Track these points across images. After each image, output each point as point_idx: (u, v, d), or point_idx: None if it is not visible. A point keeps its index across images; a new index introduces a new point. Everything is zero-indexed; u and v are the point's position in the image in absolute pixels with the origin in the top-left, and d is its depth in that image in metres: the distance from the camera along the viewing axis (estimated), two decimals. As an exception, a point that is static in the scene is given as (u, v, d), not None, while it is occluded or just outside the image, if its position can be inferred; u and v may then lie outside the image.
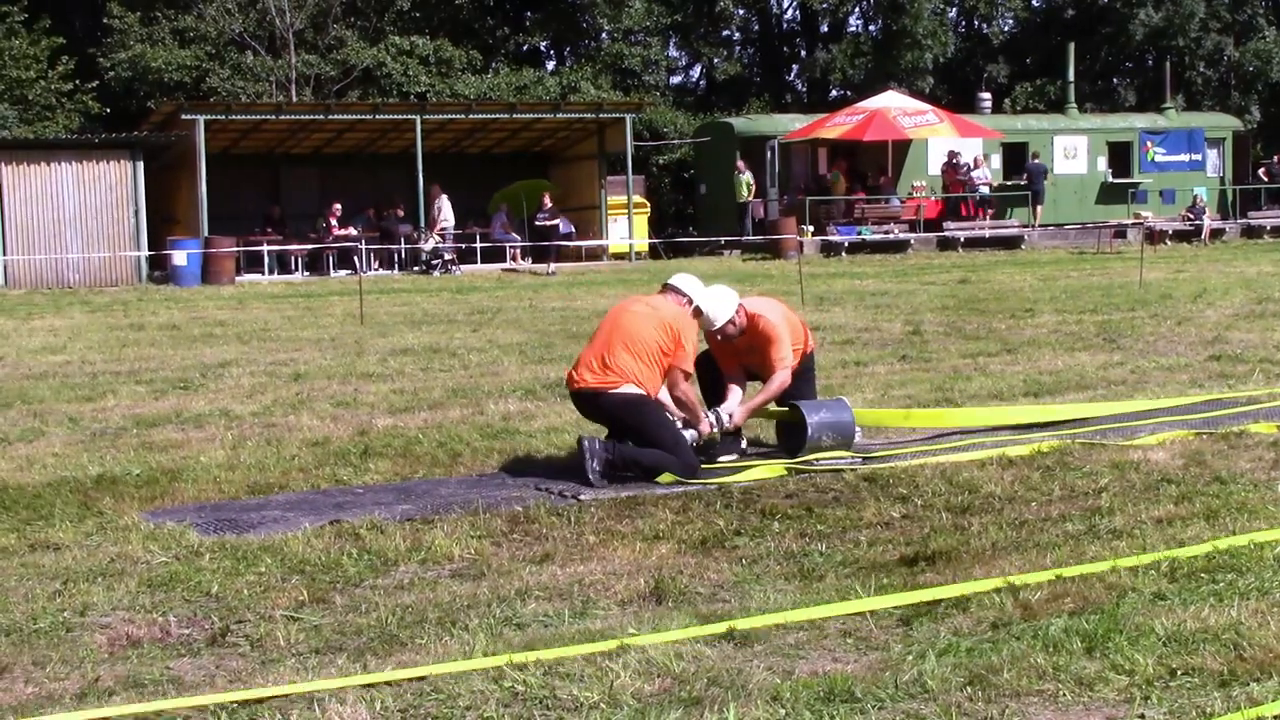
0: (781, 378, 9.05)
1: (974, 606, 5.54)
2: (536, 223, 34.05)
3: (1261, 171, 43.58)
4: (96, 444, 9.91)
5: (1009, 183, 39.51)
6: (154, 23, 44.34)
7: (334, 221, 33.72)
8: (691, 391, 8.78)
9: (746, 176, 36.94)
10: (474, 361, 14.51)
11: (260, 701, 4.68)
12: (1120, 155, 41.70)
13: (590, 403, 8.59)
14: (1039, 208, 38.91)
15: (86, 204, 30.53)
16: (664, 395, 8.68)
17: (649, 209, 38.48)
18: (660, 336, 8.48)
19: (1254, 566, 5.94)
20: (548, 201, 34.15)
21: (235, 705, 4.65)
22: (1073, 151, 40.06)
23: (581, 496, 7.76)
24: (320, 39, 45.58)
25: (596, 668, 4.90)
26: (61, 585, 6.13)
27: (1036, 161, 39.10)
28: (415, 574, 6.28)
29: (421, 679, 4.82)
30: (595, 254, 35.87)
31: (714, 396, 9.23)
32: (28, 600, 5.92)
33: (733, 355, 9.28)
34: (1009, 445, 8.92)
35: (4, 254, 30.16)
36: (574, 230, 36.06)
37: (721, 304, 9.02)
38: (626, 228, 36.38)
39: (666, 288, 8.98)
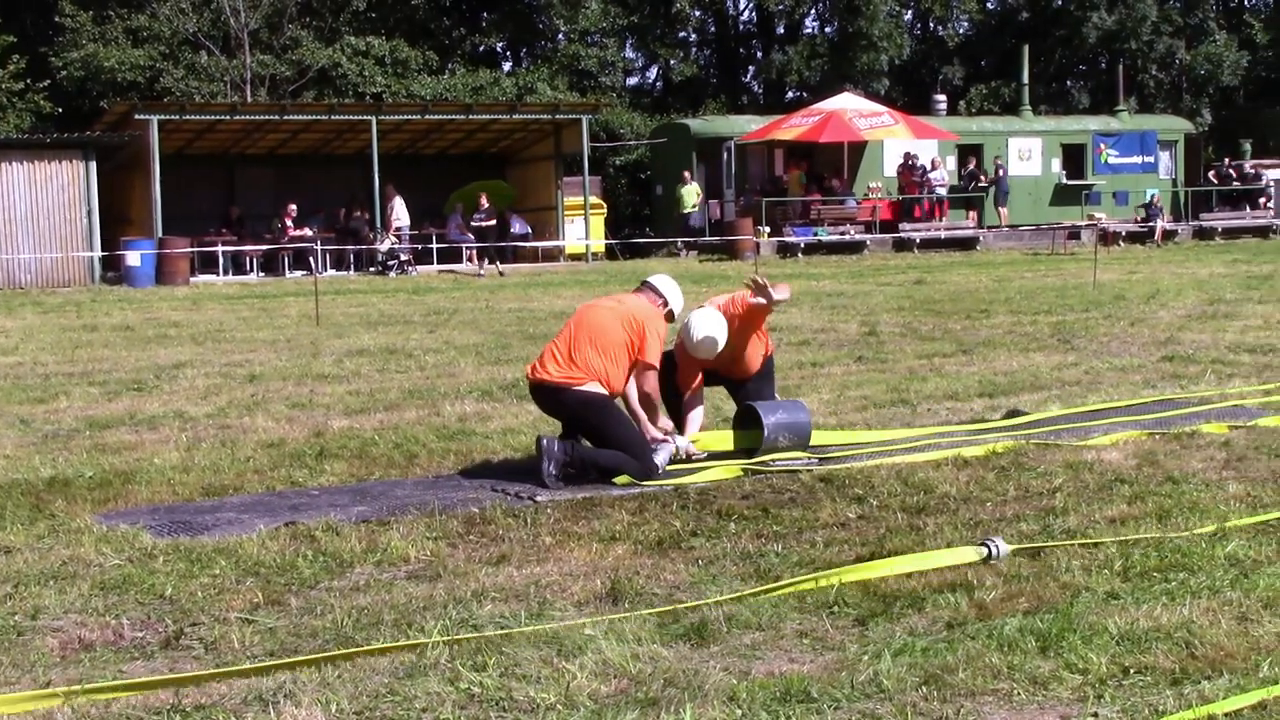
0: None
1: (929, 606, 5.56)
2: (472, 223, 33.81)
3: (1212, 174, 43.95)
4: (49, 446, 9.84)
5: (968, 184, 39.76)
6: (107, 22, 44.03)
7: (289, 222, 33.57)
8: (658, 393, 8.70)
9: (693, 187, 36.84)
10: (430, 363, 14.48)
11: (214, 704, 4.66)
12: (1074, 157, 42.00)
13: (551, 397, 8.53)
14: (1003, 210, 39.17)
15: (38, 204, 30.29)
16: (631, 389, 8.64)
17: (605, 210, 38.48)
18: (626, 334, 8.44)
19: (1205, 565, 5.98)
20: (484, 202, 33.89)
21: (190, 707, 4.63)
22: (1027, 153, 40.30)
23: (538, 498, 7.75)
24: (275, 39, 45.37)
25: (553, 669, 4.90)
26: (12, 588, 6.07)
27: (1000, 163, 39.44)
28: (371, 576, 6.25)
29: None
30: (552, 255, 35.86)
31: (672, 409, 9.16)
32: (-21, 604, 5.87)
33: (699, 363, 9.18)
34: (964, 446, 8.95)
35: (-46, 254, 29.90)
36: (530, 231, 36.02)
37: (711, 326, 8.89)
38: (583, 228, 36.37)
39: (644, 285, 8.94)
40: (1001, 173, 39.18)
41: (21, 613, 5.73)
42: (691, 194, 36.60)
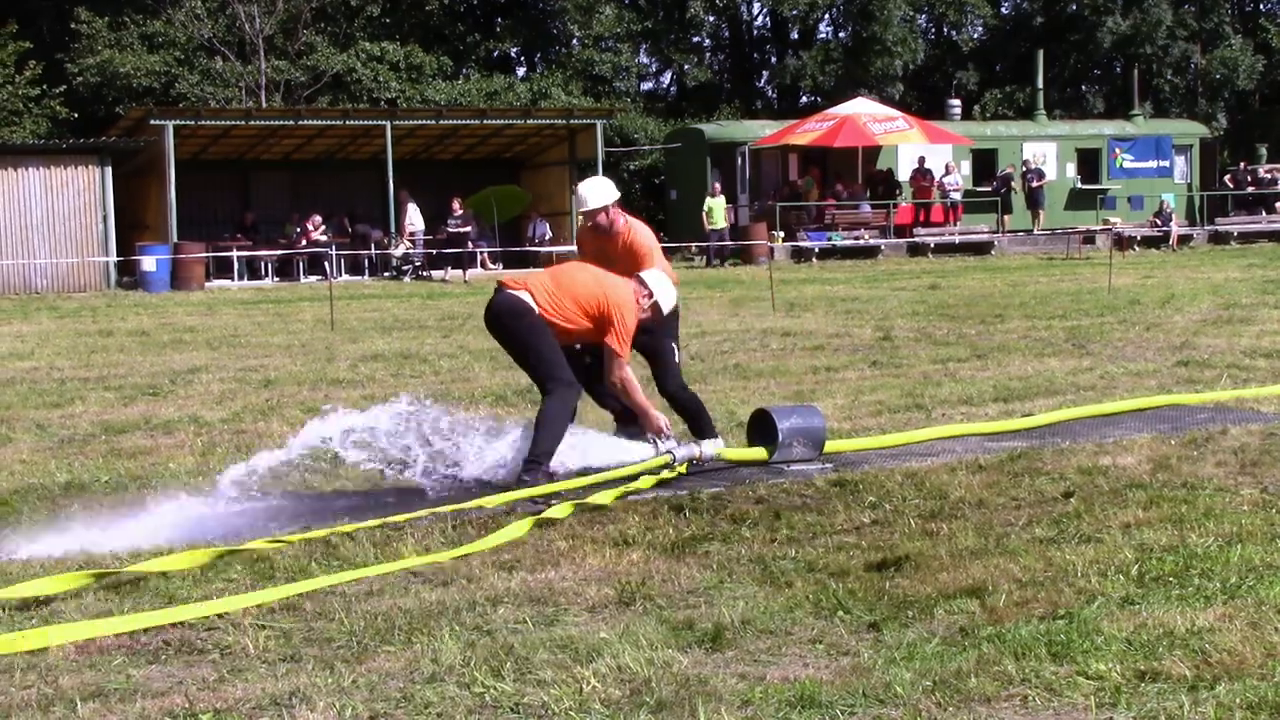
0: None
1: (941, 611, 5.55)
2: (448, 229, 33.57)
3: (1228, 178, 43.87)
4: (65, 450, 9.87)
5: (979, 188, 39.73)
6: (122, 28, 44.17)
7: (310, 227, 33.59)
8: (631, 381, 8.54)
9: (721, 200, 35.56)
10: (445, 367, 14.49)
11: (229, 709, 4.68)
12: (1089, 162, 41.96)
13: (489, 310, 8.56)
14: (1041, 214, 39.13)
15: (54, 210, 30.39)
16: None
17: (620, 215, 38.37)
18: (597, 303, 8.35)
19: (1220, 571, 5.97)
20: (456, 208, 33.66)
21: (204, 711, 4.64)
22: (1042, 158, 40.23)
23: (551, 502, 7.75)
24: (290, 45, 45.48)
25: (568, 674, 4.90)
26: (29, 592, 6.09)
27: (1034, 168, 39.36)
28: (385, 580, 6.26)
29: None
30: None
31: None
32: (-5, 608, 5.90)
33: (604, 261, 8.98)
34: (978, 450, 8.94)
35: (-29, 260, 30.02)
36: (549, 232, 36.12)
37: (596, 186, 9.16)
38: (598, 233, 36.25)
39: (634, 277, 8.83)
40: (1035, 179, 39.10)
41: (36, 617, 5.75)
42: (721, 207, 35.35)
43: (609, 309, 8.35)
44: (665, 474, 8.34)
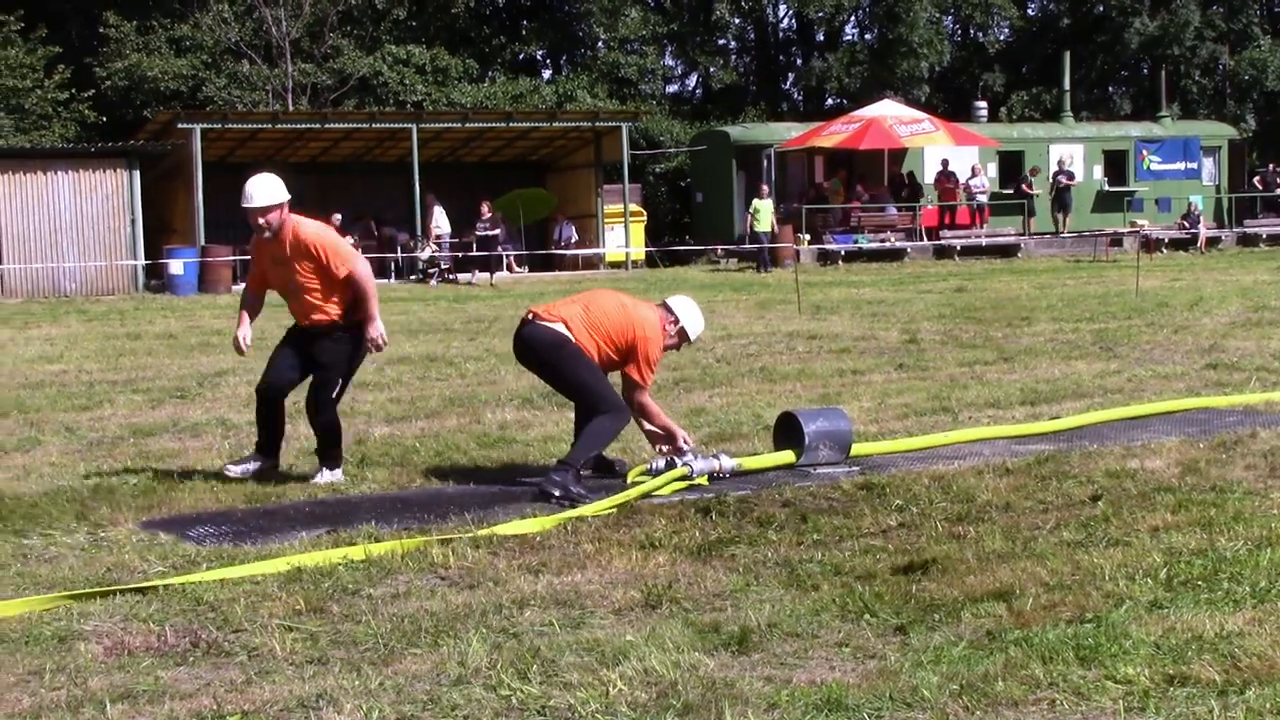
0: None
1: (968, 615, 5.54)
2: (477, 232, 33.86)
3: (1257, 180, 43.65)
4: (93, 453, 9.91)
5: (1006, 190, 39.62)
6: (150, 32, 44.34)
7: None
8: (652, 407, 8.59)
9: (769, 202, 34.80)
10: (471, 370, 14.51)
11: (257, 710, 4.70)
12: (1116, 164, 41.81)
13: (522, 341, 8.55)
14: (1068, 216, 38.98)
15: (83, 213, 30.54)
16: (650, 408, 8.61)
17: (645, 217, 38.47)
18: (624, 332, 8.35)
19: (1249, 575, 5.94)
20: (485, 211, 34.01)
21: (232, 713, 4.66)
22: (1069, 160, 40.09)
23: (579, 504, 7.76)
24: (317, 48, 45.59)
25: (594, 676, 4.91)
26: (55, 594, 6.13)
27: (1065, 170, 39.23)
28: (412, 583, 6.28)
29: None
30: (592, 262, 35.92)
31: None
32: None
33: (271, 265, 8.78)
34: (1005, 454, 8.92)
35: (1, 263, 30.16)
36: (575, 235, 36.16)
37: (265, 182, 8.70)
38: (623, 236, 36.39)
39: (661, 304, 8.81)
40: (1065, 179, 38.96)
41: (67, 619, 5.78)
42: (768, 209, 34.50)
43: (637, 340, 8.36)
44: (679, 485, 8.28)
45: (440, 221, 34.16)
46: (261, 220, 8.55)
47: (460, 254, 33.98)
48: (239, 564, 6.58)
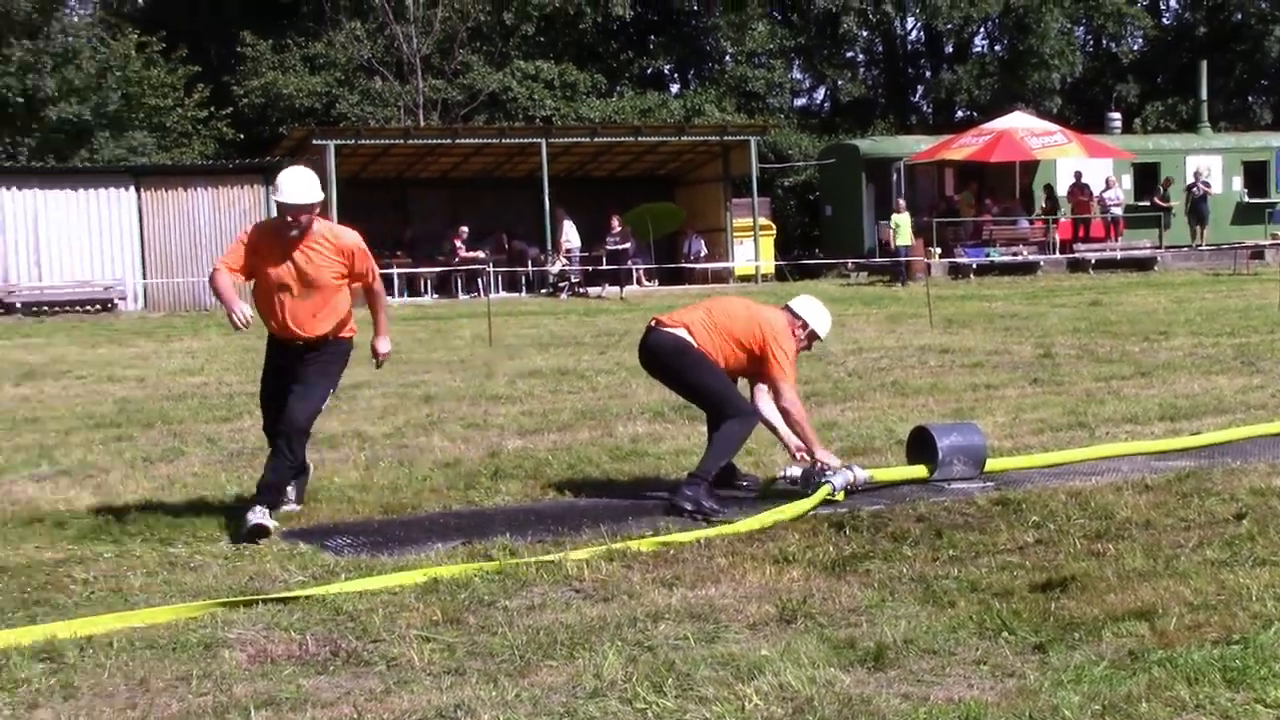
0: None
1: (1109, 634, 5.45)
2: (607, 246, 34.14)
3: (1403, 190, 42.47)
4: (234, 464, 10.10)
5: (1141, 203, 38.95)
6: (285, 50, 45.19)
7: (459, 244, 34.09)
8: (799, 408, 8.50)
9: (907, 216, 34.32)
10: (602, 383, 14.57)
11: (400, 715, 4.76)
12: (1256, 175, 40.91)
13: (646, 349, 8.58)
14: (1205, 229, 38.24)
15: (222, 228, 31.15)
16: (770, 412, 8.58)
17: (775, 231, 38.37)
18: (750, 335, 8.36)
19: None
20: (615, 225, 34.24)
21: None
22: (1206, 171, 39.32)
23: (712, 519, 7.76)
24: (447, 64, 46.13)
25: (730, 691, 4.90)
26: (201, 602, 6.25)
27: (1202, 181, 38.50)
28: (547, 595, 6.31)
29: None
30: (722, 276, 35.93)
31: None
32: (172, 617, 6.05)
33: (276, 262, 8.09)
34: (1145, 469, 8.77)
35: (144, 278, 30.90)
36: (704, 248, 36.20)
37: (305, 179, 8.06)
38: (752, 250, 36.36)
39: (784, 307, 8.81)
40: (1201, 189, 38.25)
41: (212, 626, 5.89)
42: (907, 223, 34.07)
43: (767, 342, 8.35)
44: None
45: (570, 236, 34.41)
46: (303, 218, 7.96)
47: (590, 268, 34.18)
48: (376, 575, 6.67)
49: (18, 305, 29.88)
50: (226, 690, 5.09)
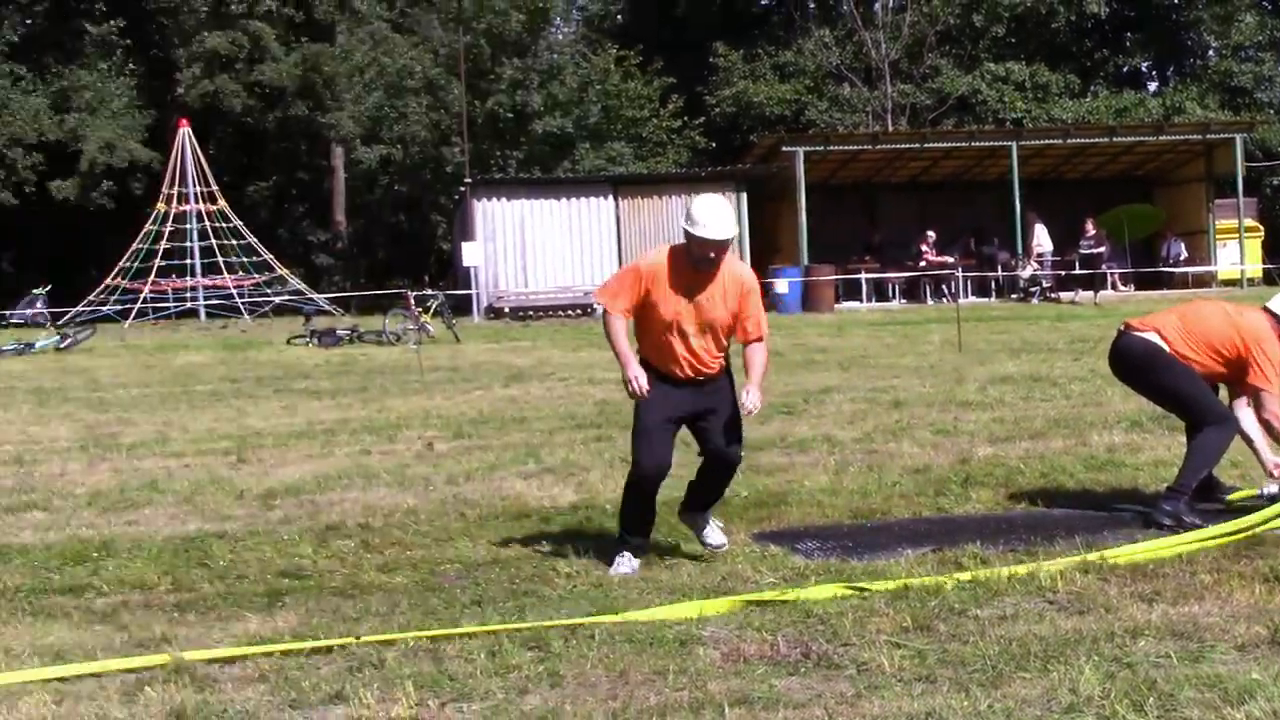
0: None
1: None
2: (1080, 250, 33.13)
3: None
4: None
5: None
6: (756, 59, 46.06)
7: (925, 248, 33.85)
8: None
9: None
10: (1076, 391, 14.16)
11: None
12: None
13: (1116, 353, 8.36)
14: None
15: (694, 235, 31.97)
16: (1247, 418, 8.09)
17: (1262, 233, 36.37)
18: (1229, 339, 7.95)
19: None
20: (1089, 228, 33.28)
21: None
22: None
23: (1190, 533, 7.43)
24: (915, 69, 45.95)
25: (1217, 714, 4.68)
26: (677, 600, 6.43)
27: None
28: (1019, 605, 6.19)
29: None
30: (1203, 280, 34.37)
31: None
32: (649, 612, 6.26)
33: (676, 298, 7.21)
34: None
35: (619, 284, 32.08)
36: (1185, 251, 34.76)
37: (725, 212, 7.23)
38: (1237, 253, 34.62)
39: (1264, 309, 8.30)
40: None
41: (688, 623, 6.05)
42: None
43: (1248, 346, 7.91)
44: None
45: (1042, 239, 33.68)
46: (724, 255, 7.23)
47: (1063, 272, 33.31)
48: (846, 579, 6.70)
49: (506, 310, 31.59)
50: (701, 686, 5.20)
